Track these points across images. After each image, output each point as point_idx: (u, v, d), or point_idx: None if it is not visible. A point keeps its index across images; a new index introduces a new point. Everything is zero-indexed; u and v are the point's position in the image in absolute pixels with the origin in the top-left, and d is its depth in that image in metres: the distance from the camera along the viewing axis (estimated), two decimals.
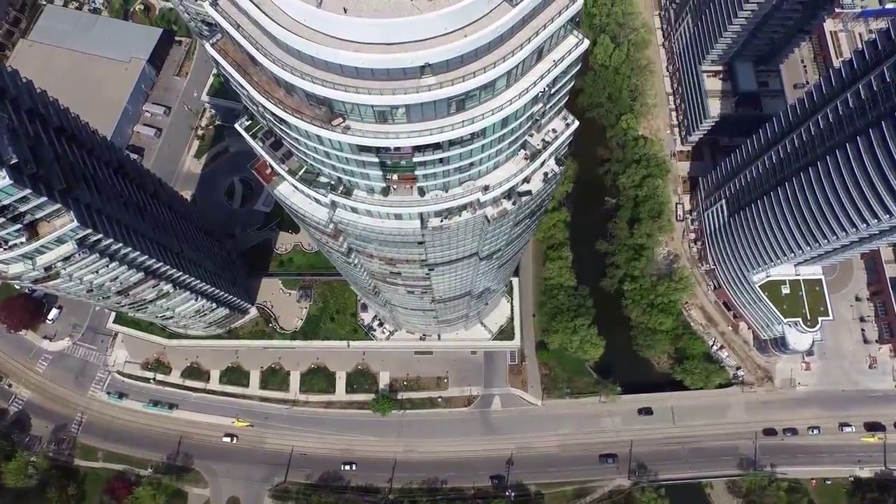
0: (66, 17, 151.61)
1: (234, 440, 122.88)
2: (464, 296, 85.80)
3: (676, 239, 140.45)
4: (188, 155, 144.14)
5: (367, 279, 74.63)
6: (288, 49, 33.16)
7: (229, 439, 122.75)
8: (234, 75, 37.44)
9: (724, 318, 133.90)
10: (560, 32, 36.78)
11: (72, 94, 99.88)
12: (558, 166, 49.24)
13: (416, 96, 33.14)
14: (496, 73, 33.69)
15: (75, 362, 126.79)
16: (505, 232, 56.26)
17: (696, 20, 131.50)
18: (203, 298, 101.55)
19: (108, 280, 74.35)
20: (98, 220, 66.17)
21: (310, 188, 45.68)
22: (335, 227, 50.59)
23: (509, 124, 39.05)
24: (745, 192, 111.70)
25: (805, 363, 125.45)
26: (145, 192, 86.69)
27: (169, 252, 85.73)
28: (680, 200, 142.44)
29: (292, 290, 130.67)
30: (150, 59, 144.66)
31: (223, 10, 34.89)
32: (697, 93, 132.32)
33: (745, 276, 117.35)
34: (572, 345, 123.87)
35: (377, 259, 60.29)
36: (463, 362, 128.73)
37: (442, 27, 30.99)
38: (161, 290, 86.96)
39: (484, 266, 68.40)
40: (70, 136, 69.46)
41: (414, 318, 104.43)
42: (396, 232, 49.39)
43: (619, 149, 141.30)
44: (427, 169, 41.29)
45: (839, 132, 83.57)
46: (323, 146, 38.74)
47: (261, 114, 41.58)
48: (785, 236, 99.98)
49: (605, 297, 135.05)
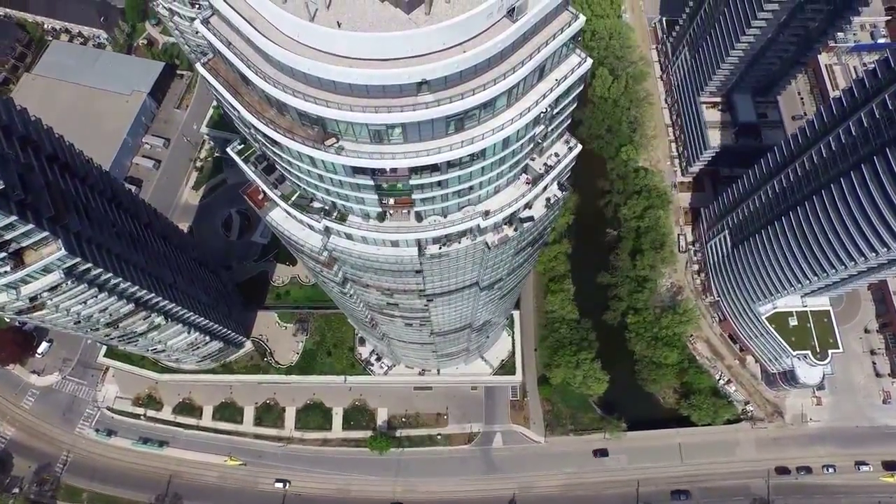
0: (70, 51, 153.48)
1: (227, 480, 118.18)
2: (464, 328, 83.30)
3: (679, 271, 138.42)
4: (186, 187, 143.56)
5: (363, 311, 72.31)
6: (280, 66, 31.94)
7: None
8: (225, 95, 36.18)
9: (730, 351, 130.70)
10: (562, 51, 35.73)
11: (72, 126, 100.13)
12: (561, 192, 47.68)
13: (413, 114, 31.71)
14: (496, 91, 32.39)
15: (63, 398, 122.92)
16: (506, 260, 54.31)
17: (693, 53, 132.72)
18: (196, 331, 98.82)
19: (97, 311, 71.97)
20: (88, 249, 64.34)
21: (303, 214, 43.98)
22: (329, 254, 48.68)
23: (510, 145, 37.59)
24: (749, 223, 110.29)
25: (816, 398, 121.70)
26: (139, 222, 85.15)
27: (161, 283, 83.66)
28: (682, 232, 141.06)
29: (289, 323, 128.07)
30: (151, 92, 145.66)
31: (214, 28, 33.88)
32: (697, 124, 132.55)
33: (751, 308, 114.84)
34: (575, 380, 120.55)
35: (374, 289, 58.20)
36: (463, 398, 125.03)
37: (440, 42, 29.79)
38: (152, 322, 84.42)
39: (485, 297, 66.20)
40: (63, 164, 68.29)
41: (412, 352, 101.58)
42: (393, 260, 47.48)
43: (620, 180, 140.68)
44: (424, 192, 39.65)
45: (843, 160, 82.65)
46: (316, 168, 37.19)
47: (253, 136, 40.22)
48: (792, 266, 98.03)
49: (608, 330, 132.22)
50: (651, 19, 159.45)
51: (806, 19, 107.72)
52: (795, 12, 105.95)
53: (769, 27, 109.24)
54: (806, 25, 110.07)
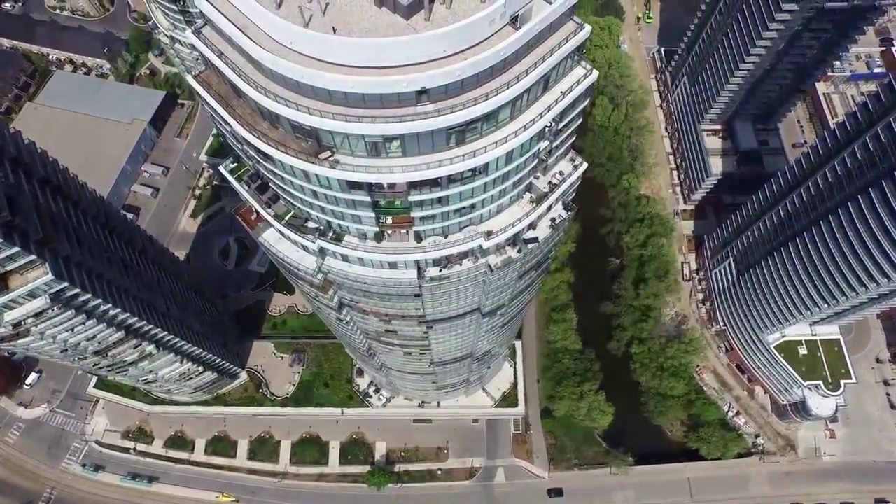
0: (73, 81, 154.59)
1: None
2: (465, 358, 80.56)
3: (684, 299, 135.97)
4: (184, 215, 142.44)
5: (361, 339, 69.77)
6: (272, 75, 30.54)
7: None
8: (216, 109, 34.73)
9: (738, 381, 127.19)
10: (567, 63, 34.44)
11: (72, 153, 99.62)
12: (566, 212, 45.90)
13: (412, 125, 30.14)
14: (500, 101, 30.89)
15: (50, 431, 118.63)
16: (509, 284, 52.17)
17: (692, 81, 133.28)
18: (189, 361, 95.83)
19: (85, 339, 69.40)
20: (77, 274, 62.25)
21: (297, 234, 42.09)
22: (324, 277, 46.59)
23: (514, 160, 35.96)
24: (753, 250, 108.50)
25: (829, 431, 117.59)
26: (133, 248, 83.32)
27: (153, 310, 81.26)
28: (686, 260, 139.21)
29: (285, 353, 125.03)
30: (151, 120, 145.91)
31: (206, 38, 32.65)
32: (698, 151, 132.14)
33: (758, 337, 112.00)
34: (579, 412, 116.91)
35: (371, 315, 55.91)
36: (464, 431, 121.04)
37: (440, 49, 28.42)
38: (143, 350, 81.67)
39: (486, 324, 63.80)
40: (56, 187, 66.88)
41: (412, 384, 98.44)
42: (391, 283, 45.37)
43: (622, 208, 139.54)
44: (424, 210, 37.83)
45: (849, 184, 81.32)
46: (310, 184, 35.47)
47: (245, 152, 38.65)
48: (801, 293, 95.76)
49: (612, 360, 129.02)
50: (649, 49, 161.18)
51: (804, 47, 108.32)
52: (793, 41, 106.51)
53: (767, 55, 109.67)
54: (804, 54, 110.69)
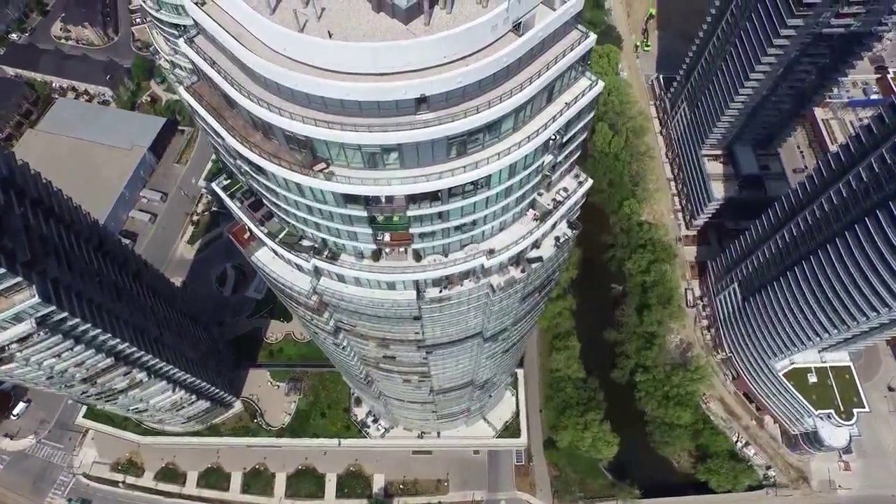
0: (75, 108, 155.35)
1: None
2: (465, 386, 78.01)
3: (688, 326, 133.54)
4: (181, 241, 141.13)
5: (358, 366, 67.39)
6: (265, 84, 29.34)
7: None
8: (208, 120, 33.47)
9: (746, 410, 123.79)
10: (571, 74, 33.34)
11: (71, 179, 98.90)
12: (571, 230, 44.34)
13: (411, 134, 28.78)
14: (503, 110, 29.62)
15: (36, 464, 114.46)
16: (512, 307, 50.25)
17: (692, 107, 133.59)
18: (182, 389, 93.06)
19: (73, 366, 67.03)
20: (65, 297, 60.29)
21: (291, 253, 40.41)
22: (319, 299, 44.71)
23: (517, 174, 34.54)
24: (758, 275, 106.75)
25: (843, 462, 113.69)
26: (126, 273, 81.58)
27: (145, 336, 79.03)
28: (689, 286, 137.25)
29: (281, 382, 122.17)
30: (151, 146, 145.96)
31: (199, 47, 31.57)
32: (699, 176, 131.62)
33: (766, 364, 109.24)
34: (583, 443, 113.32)
35: (368, 340, 53.80)
36: (465, 463, 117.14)
37: (440, 55, 27.24)
38: (134, 378, 79.10)
39: (488, 350, 61.62)
40: (48, 209, 65.64)
41: (411, 413, 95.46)
42: (389, 304, 43.47)
43: (624, 234, 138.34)
44: (423, 226, 36.26)
45: (854, 207, 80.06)
46: (304, 198, 33.96)
47: (238, 167, 37.31)
48: (809, 319, 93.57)
49: (616, 389, 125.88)
50: (648, 77, 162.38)
51: (802, 72, 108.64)
52: (791, 66, 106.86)
53: (766, 80, 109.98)
54: (802, 79, 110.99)
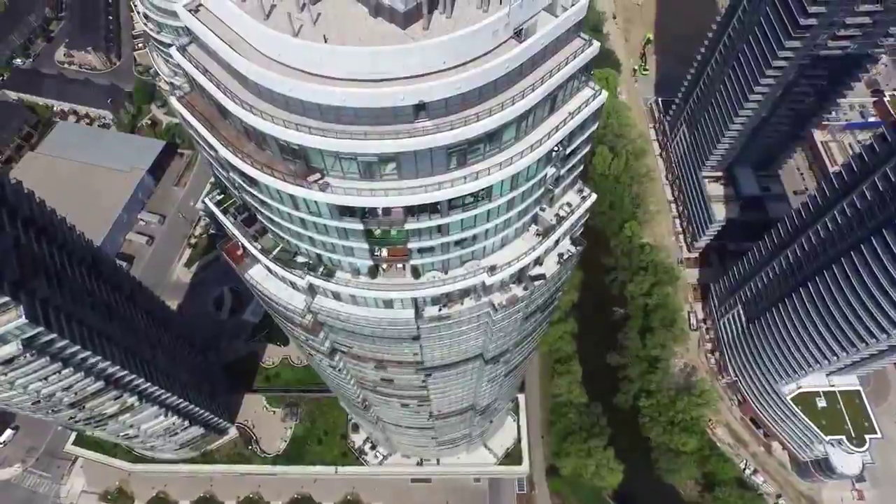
0: (74, 131, 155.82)
1: None
2: (466, 411, 75.74)
3: (692, 349, 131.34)
4: (178, 263, 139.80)
5: (355, 390, 65.31)
6: (259, 91, 28.39)
7: None
8: (200, 131, 32.45)
9: (753, 436, 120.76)
10: (574, 83, 32.47)
11: (69, 201, 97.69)
12: (575, 247, 43.00)
13: (410, 142, 27.68)
14: (504, 119, 28.60)
15: (21, 494, 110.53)
16: (514, 327, 48.60)
17: (691, 129, 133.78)
18: (174, 415, 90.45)
19: (60, 389, 64.83)
20: (54, 318, 58.60)
21: (285, 270, 38.99)
22: (314, 318, 43.11)
23: (519, 186, 33.37)
24: (763, 297, 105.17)
25: (856, 491, 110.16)
26: (120, 294, 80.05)
27: (137, 359, 76.96)
28: (692, 309, 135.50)
29: (277, 407, 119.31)
30: (150, 169, 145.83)
31: (191, 55, 30.72)
32: (700, 198, 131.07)
33: (772, 388, 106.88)
34: (587, 470, 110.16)
35: (365, 361, 51.98)
36: (465, 491, 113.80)
37: (440, 60, 26.33)
38: (124, 402, 76.70)
39: (489, 373, 59.68)
40: (40, 228, 64.49)
41: (410, 439, 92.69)
42: (386, 324, 41.82)
43: (625, 256, 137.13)
44: (422, 241, 34.93)
45: (860, 226, 78.94)
46: (298, 211, 32.71)
47: (231, 181, 36.19)
48: (816, 341, 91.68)
49: (620, 415, 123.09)
50: (647, 100, 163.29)
51: (801, 93, 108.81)
52: (790, 87, 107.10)
53: (765, 102, 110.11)
54: (800, 100, 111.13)
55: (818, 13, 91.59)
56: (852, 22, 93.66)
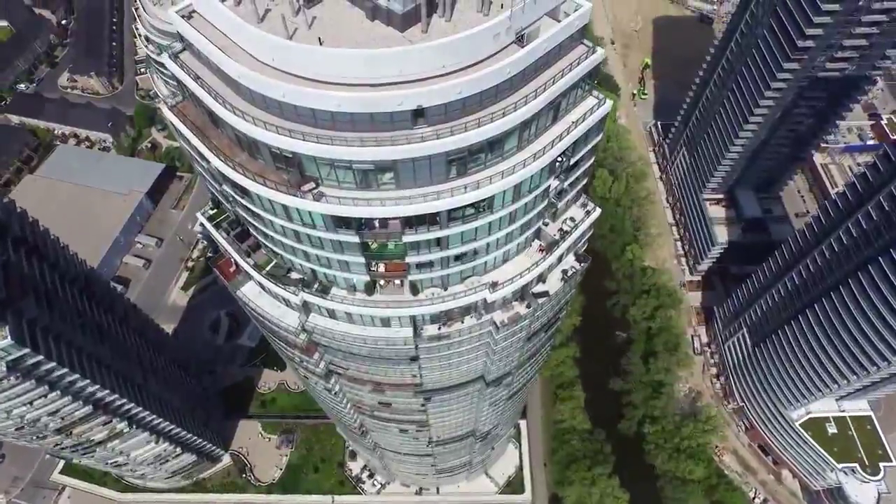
0: (74, 154, 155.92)
1: None
2: (466, 437, 73.29)
3: (697, 374, 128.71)
4: (175, 287, 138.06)
5: (352, 414, 63.09)
6: (252, 97, 27.40)
7: None
8: (191, 140, 31.38)
9: (762, 464, 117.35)
10: (578, 92, 31.54)
11: (66, 224, 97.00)
12: (579, 263, 41.58)
13: (408, 149, 26.55)
14: (505, 125, 27.54)
15: None
16: (517, 347, 46.85)
17: (691, 152, 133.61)
18: (166, 441, 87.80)
19: (46, 414, 62.65)
20: (42, 340, 56.94)
21: (278, 286, 37.49)
22: (308, 337, 41.42)
23: (522, 197, 32.14)
24: (768, 320, 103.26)
25: None
26: (112, 316, 78.33)
27: (129, 383, 74.88)
28: (695, 333, 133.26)
29: (273, 434, 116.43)
30: (149, 192, 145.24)
31: (184, 62, 29.83)
32: (702, 220, 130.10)
33: (780, 414, 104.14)
34: (591, 499, 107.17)
35: (362, 384, 50.07)
36: None
37: (439, 64, 25.39)
38: (113, 428, 74.26)
39: (490, 396, 57.66)
40: (32, 247, 63.26)
41: (408, 467, 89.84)
42: (384, 343, 40.14)
43: (627, 280, 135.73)
44: (421, 255, 33.54)
45: (867, 246, 77.60)
46: (292, 223, 31.39)
47: (224, 194, 35.02)
48: (825, 364, 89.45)
49: (624, 441, 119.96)
50: (646, 124, 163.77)
51: (800, 115, 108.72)
52: (790, 109, 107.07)
53: (765, 124, 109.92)
54: (800, 121, 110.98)
55: (815, 35, 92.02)
56: (849, 44, 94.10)
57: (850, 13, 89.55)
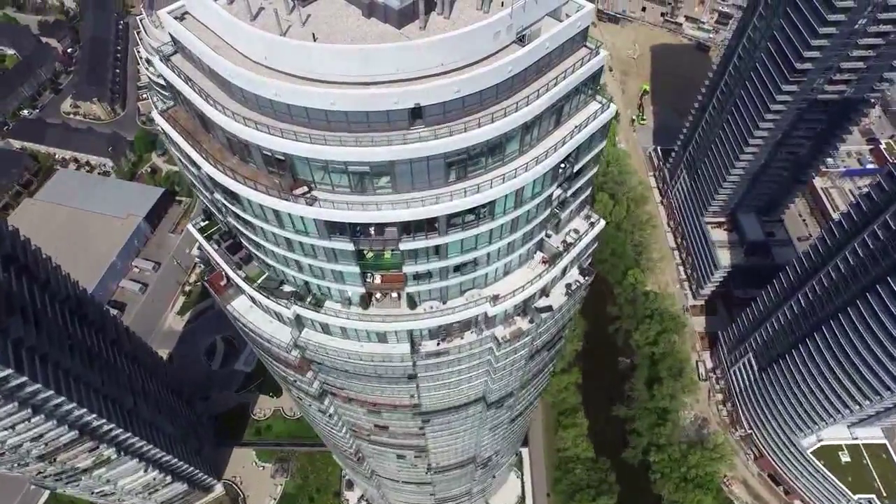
0: (74, 178, 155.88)
1: None
2: (467, 464, 70.55)
3: (702, 401, 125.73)
4: (171, 311, 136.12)
5: (348, 439, 60.69)
6: (244, 98, 26.43)
7: None
8: (182, 146, 30.30)
9: (773, 494, 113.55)
10: (581, 97, 30.63)
11: (62, 247, 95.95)
12: (583, 276, 40.10)
13: (405, 149, 25.41)
14: (506, 126, 26.49)
15: None
16: (519, 365, 44.99)
17: (692, 176, 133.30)
18: (155, 469, 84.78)
19: (29, 440, 60.33)
20: (27, 360, 55.19)
21: (270, 299, 35.95)
22: (301, 354, 39.68)
23: (523, 204, 30.87)
24: (774, 343, 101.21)
25: None
26: (104, 338, 76.54)
27: (118, 408, 72.58)
28: (700, 358, 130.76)
29: (267, 462, 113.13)
30: (147, 216, 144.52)
31: (175, 65, 28.97)
32: (704, 244, 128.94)
33: (791, 442, 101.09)
34: None
35: (358, 405, 48.02)
36: None
37: (437, 61, 24.45)
38: (100, 455, 71.62)
39: (492, 418, 55.45)
40: (22, 266, 61.99)
41: (407, 496, 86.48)
42: (380, 360, 38.39)
43: (629, 304, 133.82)
44: (419, 264, 32.10)
45: (875, 266, 76.13)
46: (284, 229, 30.06)
47: (214, 203, 33.82)
48: (833, 388, 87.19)
49: (629, 470, 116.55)
50: (646, 149, 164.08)
51: (800, 137, 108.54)
52: (790, 131, 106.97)
53: (765, 146, 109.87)
54: (800, 143, 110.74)
55: (813, 58, 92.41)
56: (847, 67, 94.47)
57: (847, 36, 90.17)
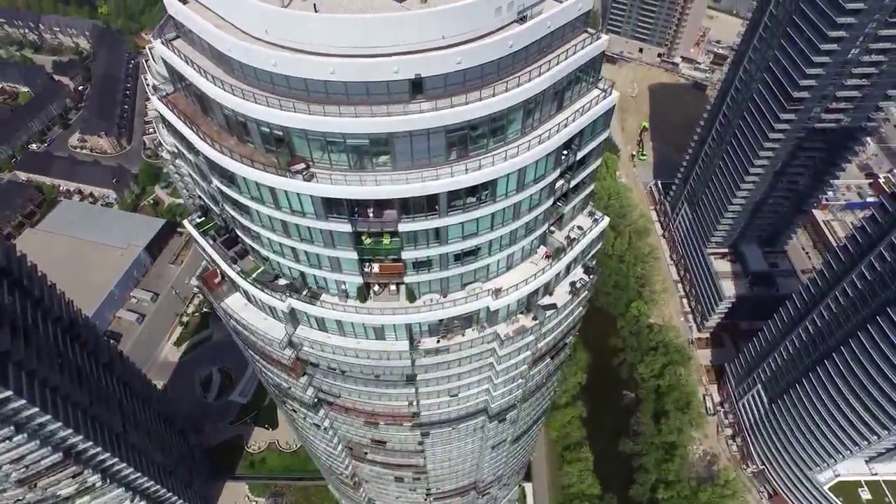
0: (76, 209, 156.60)
1: None
2: (467, 490, 67.72)
3: (711, 436, 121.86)
4: (168, 342, 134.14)
5: (343, 458, 58.24)
6: (243, 73, 26.32)
7: None
8: (180, 129, 30.04)
9: None
10: (582, 85, 30.52)
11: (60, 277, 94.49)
12: (588, 275, 39.06)
13: (405, 120, 25.02)
14: (507, 101, 26.22)
15: None
16: (522, 370, 43.34)
17: (693, 208, 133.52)
18: (143, 500, 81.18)
19: (9, 461, 57.59)
20: (13, 375, 53.43)
21: (265, 292, 34.86)
22: (296, 353, 38.24)
23: (526, 187, 30.24)
24: (784, 373, 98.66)
25: None
26: (96, 359, 74.71)
27: (106, 431, 70.04)
28: (707, 392, 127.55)
29: (261, 497, 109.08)
30: (147, 247, 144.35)
31: (175, 47, 28.97)
32: (707, 275, 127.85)
33: (806, 478, 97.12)
34: None
35: (354, 415, 46.10)
36: None
37: (438, 34, 24.35)
38: (84, 482, 68.44)
39: (494, 433, 53.23)
40: (15, 280, 61.05)
41: None
42: (377, 357, 36.94)
43: (633, 337, 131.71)
44: (418, 250, 31.20)
45: (884, 289, 74.81)
46: (280, 210, 29.33)
47: (209, 193, 33.30)
48: (847, 417, 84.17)
49: None
50: (646, 184, 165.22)
51: (799, 166, 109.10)
52: (789, 160, 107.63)
53: (766, 175, 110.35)
54: (800, 173, 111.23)
55: (809, 86, 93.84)
56: (843, 95, 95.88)
57: (841, 65, 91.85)
